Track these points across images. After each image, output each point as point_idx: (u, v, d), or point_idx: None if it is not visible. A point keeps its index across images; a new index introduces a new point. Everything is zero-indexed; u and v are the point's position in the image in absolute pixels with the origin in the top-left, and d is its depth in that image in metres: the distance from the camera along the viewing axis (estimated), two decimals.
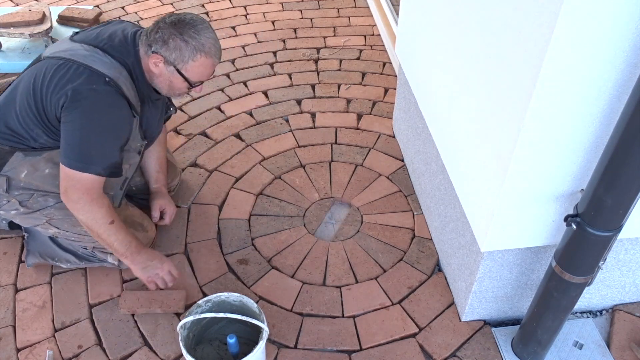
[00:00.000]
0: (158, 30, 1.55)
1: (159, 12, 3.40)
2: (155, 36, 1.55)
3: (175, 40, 1.53)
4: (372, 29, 3.26)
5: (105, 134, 1.53)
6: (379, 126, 2.51)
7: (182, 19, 1.56)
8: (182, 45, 1.53)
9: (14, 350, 1.65)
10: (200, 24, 1.56)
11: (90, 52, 1.55)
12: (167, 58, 1.55)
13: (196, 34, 1.54)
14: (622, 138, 1.04)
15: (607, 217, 1.17)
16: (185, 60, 1.55)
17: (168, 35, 1.53)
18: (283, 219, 2.07)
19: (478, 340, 1.68)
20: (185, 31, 1.53)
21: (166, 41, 1.53)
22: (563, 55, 1.04)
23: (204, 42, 1.55)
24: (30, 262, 1.83)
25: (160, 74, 1.60)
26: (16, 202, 1.66)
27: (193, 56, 1.55)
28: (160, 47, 1.54)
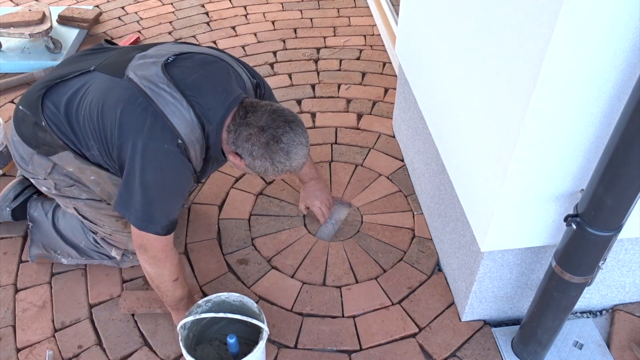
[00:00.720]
0: (249, 139, 1.41)
1: (159, 12, 3.40)
2: (244, 145, 1.43)
3: (264, 162, 1.42)
4: (372, 29, 3.26)
5: (169, 197, 1.48)
6: (379, 126, 2.51)
7: (279, 139, 1.40)
8: (270, 168, 1.44)
9: (14, 350, 1.65)
10: (297, 147, 1.42)
11: (174, 101, 1.42)
12: (250, 167, 1.47)
13: (287, 159, 1.42)
14: (622, 138, 1.04)
15: (607, 217, 1.17)
16: (269, 175, 1.49)
17: (258, 154, 1.41)
18: (283, 219, 2.07)
19: (478, 340, 1.68)
20: (277, 156, 1.41)
21: (254, 157, 1.43)
22: (563, 55, 1.04)
23: (294, 164, 1.45)
24: (33, 254, 1.83)
25: (238, 165, 1.50)
26: (52, 184, 1.64)
27: (277, 174, 1.47)
28: (246, 156, 1.44)
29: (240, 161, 1.47)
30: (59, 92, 1.53)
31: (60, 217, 1.84)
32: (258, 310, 1.53)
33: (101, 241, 1.78)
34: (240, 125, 1.44)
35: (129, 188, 1.44)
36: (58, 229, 1.83)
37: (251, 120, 1.42)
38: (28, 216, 1.88)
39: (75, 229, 1.81)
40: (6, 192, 1.93)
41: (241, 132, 1.43)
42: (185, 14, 3.40)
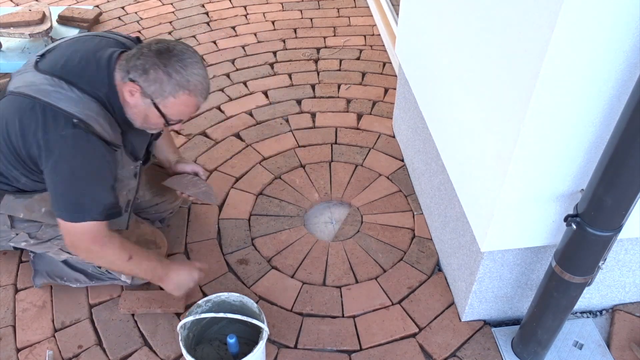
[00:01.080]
0: (140, 56, 1.38)
1: (159, 12, 3.41)
2: (135, 62, 1.39)
3: (157, 71, 1.37)
4: (372, 29, 3.26)
5: (87, 180, 1.42)
6: (379, 126, 2.51)
7: (170, 48, 1.39)
8: (164, 78, 1.37)
9: (14, 350, 1.65)
10: (190, 58, 1.40)
11: (55, 88, 1.39)
12: (145, 90, 1.40)
13: (183, 68, 1.38)
14: (622, 138, 1.04)
15: (607, 217, 1.17)
16: (165, 96, 1.40)
17: (150, 64, 1.37)
18: (283, 219, 2.07)
19: (478, 340, 1.68)
20: (171, 63, 1.37)
21: (147, 71, 1.37)
22: (563, 55, 1.04)
23: (190, 78, 1.39)
24: (39, 283, 1.78)
25: (135, 105, 1.44)
26: (25, 235, 1.62)
27: (175, 92, 1.39)
28: (138, 76, 1.38)
29: (136, 93, 1.41)
30: None
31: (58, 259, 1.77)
32: (258, 310, 1.53)
33: (107, 272, 1.74)
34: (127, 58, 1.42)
35: (51, 188, 1.42)
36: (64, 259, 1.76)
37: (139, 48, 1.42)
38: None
39: None
40: None
41: (131, 59, 1.40)
42: (185, 14, 3.40)
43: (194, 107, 1.48)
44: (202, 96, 1.45)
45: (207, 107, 2.62)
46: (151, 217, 1.94)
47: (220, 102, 2.66)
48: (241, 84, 2.79)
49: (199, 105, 1.48)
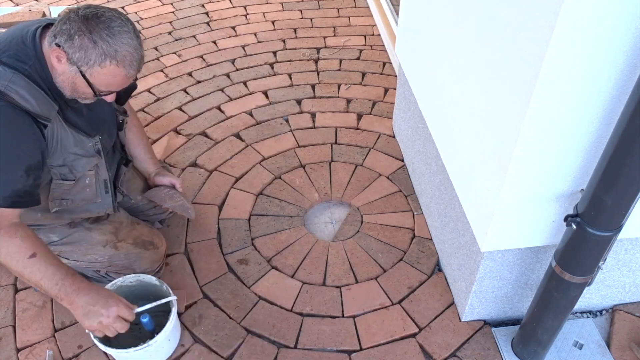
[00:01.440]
0: (67, 21, 1.29)
1: (159, 12, 3.41)
2: (62, 27, 1.29)
3: (82, 38, 1.27)
4: (372, 29, 3.26)
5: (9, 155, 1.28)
6: (379, 126, 2.51)
7: (99, 14, 1.29)
8: (90, 45, 1.27)
9: (14, 350, 1.65)
10: (120, 26, 1.29)
11: None
12: (70, 56, 1.30)
13: (110, 36, 1.28)
14: (622, 138, 1.04)
15: (607, 217, 1.17)
16: (91, 64, 1.30)
17: (76, 30, 1.27)
18: (283, 219, 2.07)
19: (478, 340, 1.68)
20: (97, 30, 1.27)
21: (72, 36, 1.27)
22: (563, 55, 1.04)
23: (118, 48, 1.29)
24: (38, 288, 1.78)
25: (62, 72, 1.34)
26: None
27: (100, 61, 1.29)
28: (64, 41, 1.28)
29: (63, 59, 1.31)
30: None
31: None
32: (159, 282, 1.57)
33: (107, 276, 1.73)
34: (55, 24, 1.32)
35: None
36: None
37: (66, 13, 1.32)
38: None
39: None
40: None
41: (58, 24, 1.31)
42: (185, 14, 3.40)
43: (123, 79, 1.36)
44: (132, 68, 1.34)
45: (207, 107, 2.63)
46: (150, 218, 1.94)
47: (220, 102, 2.66)
48: (241, 84, 2.79)
49: (129, 77, 1.37)
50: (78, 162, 1.48)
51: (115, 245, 1.67)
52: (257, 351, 1.65)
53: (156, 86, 2.78)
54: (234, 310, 1.76)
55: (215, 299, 1.79)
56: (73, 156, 1.47)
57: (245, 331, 1.70)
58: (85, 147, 1.49)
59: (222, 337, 1.68)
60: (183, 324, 1.71)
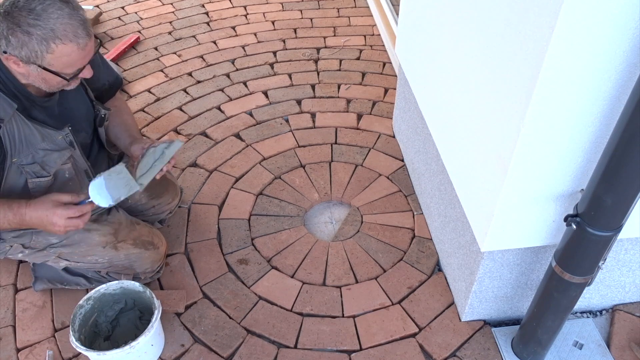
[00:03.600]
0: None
1: (159, 12, 3.41)
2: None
3: (16, 35, 1.21)
4: (372, 29, 3.26)
5: None
6: (379, 126, 2.51)
7: (15, 3, 1.21)
8: (26, 39, 1.22)
9: (14, 350, 1.65)
10: (39, 3, 1.21)
11: None
12: (22, 58, 1.25)
13: (37, 19, 1.20)
14: (622, 138, 1.04)
15: (607, 217, 1.17)
16: (41, 55, 1.25)
17: (6, 30, 1.21)
18: (283, 219, 2.07)
19: (478, 340, 1.68)
20: (22, 19, 1.20)
21: (7, 38, 1.22)
22: (563, 55, 1.04)
23: (52, 26, 1.21)
24: (38, 288, 1.78)
25: (28, 73, 1.31)
26: (19, 246, 1.59)
27: (46, 48, 1.23)
28: (6, 46, 1.24)
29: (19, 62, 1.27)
30: None
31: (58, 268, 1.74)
32: (142, 288, 1.58)
33: (107, 276, 1.74)
34: None
35: None
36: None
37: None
38: None
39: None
40: None
41: None
42: (185, 14, 3.40)
43: (79, 52, 1.29)
44: (79, 37, 1.27)
45: (207, 107, 2.63)
46: (149, 219, 1.93)
47: (220, 102, 2.66)
48: (241, 84, 2.79)
49: (83, 46, 1.29)
50: (49, 157, 1.46)
51: (115, 246, 1.67)
52: (257, 351, 1.65)
53: (156, 86, 2.78)
54: (234, 310, 1.76)
55: (215, 299, 1.79)
56: (42, 152, 1.44)
57: (245, 331, 1.70)
58: (55, 140, 1.46)
59: (222, 337, 1.68)
60: (183, 324, 1.72)
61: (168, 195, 1.95)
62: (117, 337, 1.64)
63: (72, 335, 1.48)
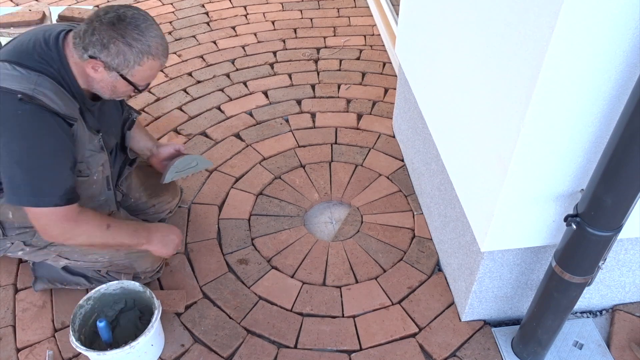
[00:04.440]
0: (94, 31, 1.34)
1: (159, 12, 3.41)
2: (91, 39, 1.34)
3: (117, 44, 1.34)
4: (372, 29, 3.26)
5: (43, 161, 1.34)
6: (379, 126, 2.51)
7: (122, 17, 1.35)
8: (126, 49, 1.35)
9: (14, 350, 1.65)
10: (144, 22, 1.37)
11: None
12: (109, 64, 1.37)
13: (140, 35, 1.35)
14: (622, 138, 1.04)
15: (607, 217, 1.17)
16: (131, 66, 1.38)
17: (108, 38, 1.33)
18: (283, 219, 2.07)
19: (478, 340, 1.68)
20: (128, 32, 1.34)
21: (106, 45, 1.34)
22: (563, 55, 1.04)
23: (151, 43, 1.37)
24: (38, 288, 1.78)
25: (101, 79, 1.42)
26: (20, 243, 1.59)
27: (139, 60, 1.38)
28: (99, 52, 1.35)
29: (100, 68, 1.38)
30: None
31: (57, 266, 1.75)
32: (143, 288, 1.58)
33: (107, 276, 1.74)
34: (80, 36, 1.36)
35: (6, 173, 1.34)
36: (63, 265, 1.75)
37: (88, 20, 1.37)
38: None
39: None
40: None
41: (84, 36, 1.35)
42: (185, 14, 3.40)
43: (158, 69, 1.47)
44: (164, 56, 1.45)
45: (207, 107, 2.62)
46: (150, 218, 1.93)
47: (220, 102, 2.66)
48: (241, 84, 2.79)
49: (163, 65, 1.48)
50: (93, 158, 1.53)
51: None
52: (257, 351, 1.65)
53: (156, 86, 2.78)
54: (234, 310, 1.76)
55: (215, 299, 1.79)
56: (89, 152, 1.51)
57: (245, 331, 1.70)
58: (94, 143, 1.53)
59: (222, 337, 1.68)
60: (183, 324, 1.72)
61: (168, 194, 1.95)
62: (117, 337, 1.64)
63: (72, 335, 1.48)
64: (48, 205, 1.36)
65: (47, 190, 1.35)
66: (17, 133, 1.31)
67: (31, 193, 1.34)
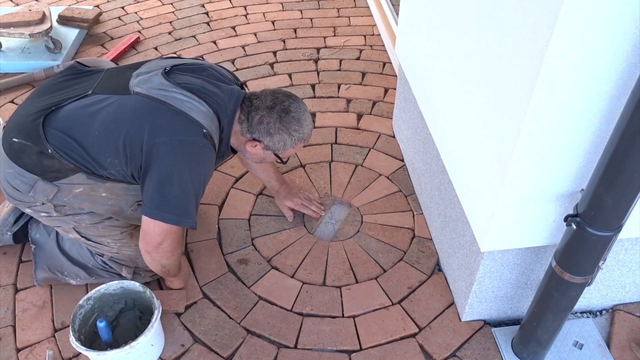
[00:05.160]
0: (262, 120, 1.56)
1: (159, 12, 3.41)
2: (259, 127, 1.57)
3: (282, 134, 1.58)
4: (372, 29, 3.26)
5: (197, 189, 1.50)
6: (379, 126, 2.51)
7: (288, 110, 1.57)
8: (287, 138, 1.59)
9: (14, 350, 1.65)
10: (303, 114, 1.60)
11: (187, 99, 1.49)
12: (269, 146, 1.60)
13: (300, 126, 1.59)
14: (622, 138, 1.04)
15: (607, 217, 1.17)
16: (287, 149, 1.62)
17: (275, 129, 1.57)
18: (283, 219, 2.07)
19: (478, 340, 1.68)
20: (292, 125, 1.57)
21: (272, 134, 1.57)
22: (563, 55, 1.04)
23: (306, 131, 1.62)
24: (39, 277, 1.78)
25: (255, 153, 1.65)
26: (51, 206, 1.60)
27: (295, 145, 1.62)
28: (263, 137, 1.58)
29: (258, 146, 1.60)
30: (59, 118, 1.50)
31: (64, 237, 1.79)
32: (142, 287, 1.59)
33: (110, 262, 1.75)
34: (249, 113, 1.58)
35: (162, 188, 1.44)
36: (63, 249, 1.79)
37: (257, 104, 1.58)
38: (30, 239, 1.82)
39: (81, 248, 1.77)
40: (6, 216, 1.85)
41: (253, 117, 1.57)
42: (185, 14, 3.40)
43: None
44: (310, 137, 1.67)
45: None
46: None
47: None
48: None
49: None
50: None
51: (132, 233, 1.72)
52: (257, 351, 1.65)
53: None
54: (234, 310, 1.76)
55: (215, 299, 1.79)
56: None
57: (245, 331, 1.70)
58: None
59: (222, 337, 1.68)
60: (183, 324, 1.72)
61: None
62: (117, 337, 1.64)
63: (72, 335, 1.48)
64: (188, 225, 1.50)
65: (191, 212, 1.49)
66: (193, 159, 1.47)
67: (180, 213, 1.47)
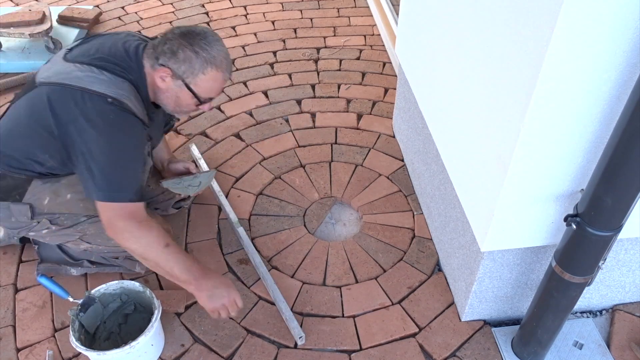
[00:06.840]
0: (166, 41, 1.49)
1: (159, 12, 3.41)
2: (163, 48, 1.49)
3: (185, 51, 1.47)
4: (372, 29, 3.26)
5: (126, 158, 1.45)
6: (379, 126, 2.51)
7: (192, 30, 1.51)
8: (192, 56, 1.47)
9: (14, 350, 1.65)
10: (212, 36, 1.52)
11: (85, 73, 1.45)
12: (176, 71, 1.49)
13: (207, 45, 1.48)
14: (622, 138, 1.04)
15: (607, 217, 1.17)
16: (195, 73, 1.49)
17: (177, 45, 1.47)
18: (283, 219, 2.07)
19: (478, 340, 1.68)
20: (196, 42, 1.48)
21: (175, 52, 1.47)
22: (563, 55, 1.04)
23: (215, 54, 1.50)
24: (42, 268, 1.78)
25: (167, 89, 1.54)
26: (47, 222, 1.61)
27: (203, 69, 1.49)
28: (168, 59, 1.48)
29: (167, 78, 1.51)
30: None
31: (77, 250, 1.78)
32: (142, 287, 1.59)
33: (124, 261, 1.75)
34: (154, 46, 1.53)
35: (88, 167, 1.42)
36: (65, 250, 1.78)
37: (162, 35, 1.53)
38: (32, 240, 1.82)
39: None
40: None
41: (158, 46, 1.51)
42: (185, 14, 3.40)
43: (222, 83, 1.56)
44: (227, 71, 1.55)
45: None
46: (160, 205, 1.97)
47: (220, 102, 2.66)
48: (241, 84, 2.79)
49: (226, 81, 1.57)
50: (148, 161, 1.64)
51: None
52: (257, 351, 1.65)
53: None
54: None
55: None
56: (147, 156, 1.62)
57: (245, 331, 1.70)
58: (146, 149, 1.63)
59: (222, 337, 1.68)
60: (183, 324, 1.72)
61: None
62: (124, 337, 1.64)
63: (72, 335, 1.48)
64: (123, 200, 1.44)
65: (125, 186, 1.44)
66: (107, 130, 1.42)
67: (110, 188, 1.42)
